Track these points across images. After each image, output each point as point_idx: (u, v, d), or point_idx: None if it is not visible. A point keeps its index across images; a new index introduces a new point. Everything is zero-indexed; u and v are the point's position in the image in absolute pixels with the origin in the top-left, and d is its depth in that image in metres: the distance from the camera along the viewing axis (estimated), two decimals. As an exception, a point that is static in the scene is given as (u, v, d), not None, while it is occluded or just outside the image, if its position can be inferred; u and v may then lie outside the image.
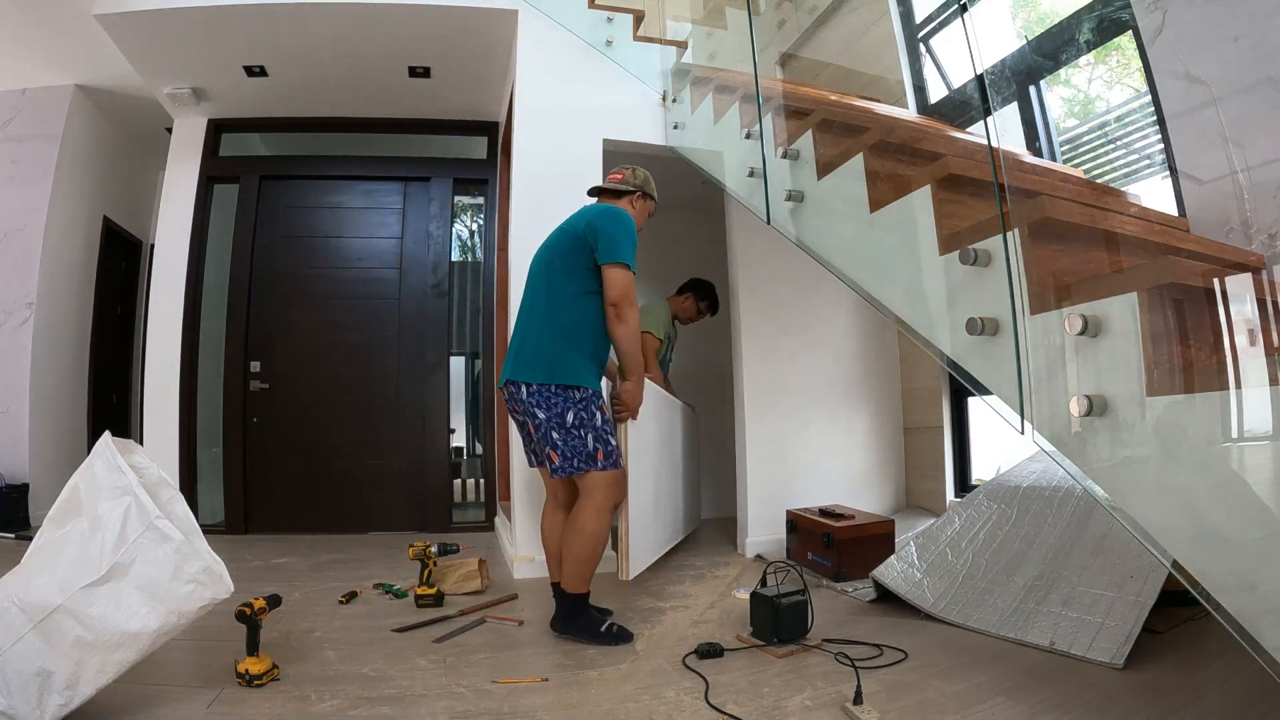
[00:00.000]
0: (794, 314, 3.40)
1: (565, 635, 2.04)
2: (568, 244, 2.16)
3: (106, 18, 3.08)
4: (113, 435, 1.52)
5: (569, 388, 2.04)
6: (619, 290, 2.07)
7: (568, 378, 2.04)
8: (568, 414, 2.02)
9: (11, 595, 1.38)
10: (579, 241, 2.13)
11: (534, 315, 2.15)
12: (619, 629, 2.04)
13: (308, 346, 4.00)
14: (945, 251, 1.57)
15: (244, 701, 1.57)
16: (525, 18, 3.17)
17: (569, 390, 2.04)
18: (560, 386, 2.03)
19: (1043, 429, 1.34)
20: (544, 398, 2.04)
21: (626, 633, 2.05)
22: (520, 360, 2.10)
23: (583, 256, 2.11)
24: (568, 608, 2.05)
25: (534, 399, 2.05)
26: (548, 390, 2.04)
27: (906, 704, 1.54)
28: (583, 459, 2.02)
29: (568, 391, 2.04)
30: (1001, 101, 2.69)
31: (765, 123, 2.38)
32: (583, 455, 2.02)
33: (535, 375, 2.05)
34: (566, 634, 2.04)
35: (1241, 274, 1.55)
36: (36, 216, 3.85)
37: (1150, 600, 1.75)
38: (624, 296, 2.08)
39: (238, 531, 3.80)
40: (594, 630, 2.02)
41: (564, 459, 2.02)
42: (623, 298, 2.08)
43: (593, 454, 2.02)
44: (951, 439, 3.47)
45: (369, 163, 4.21)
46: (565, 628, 2.05)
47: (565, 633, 2.05)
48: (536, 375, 2.05)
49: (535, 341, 2.10)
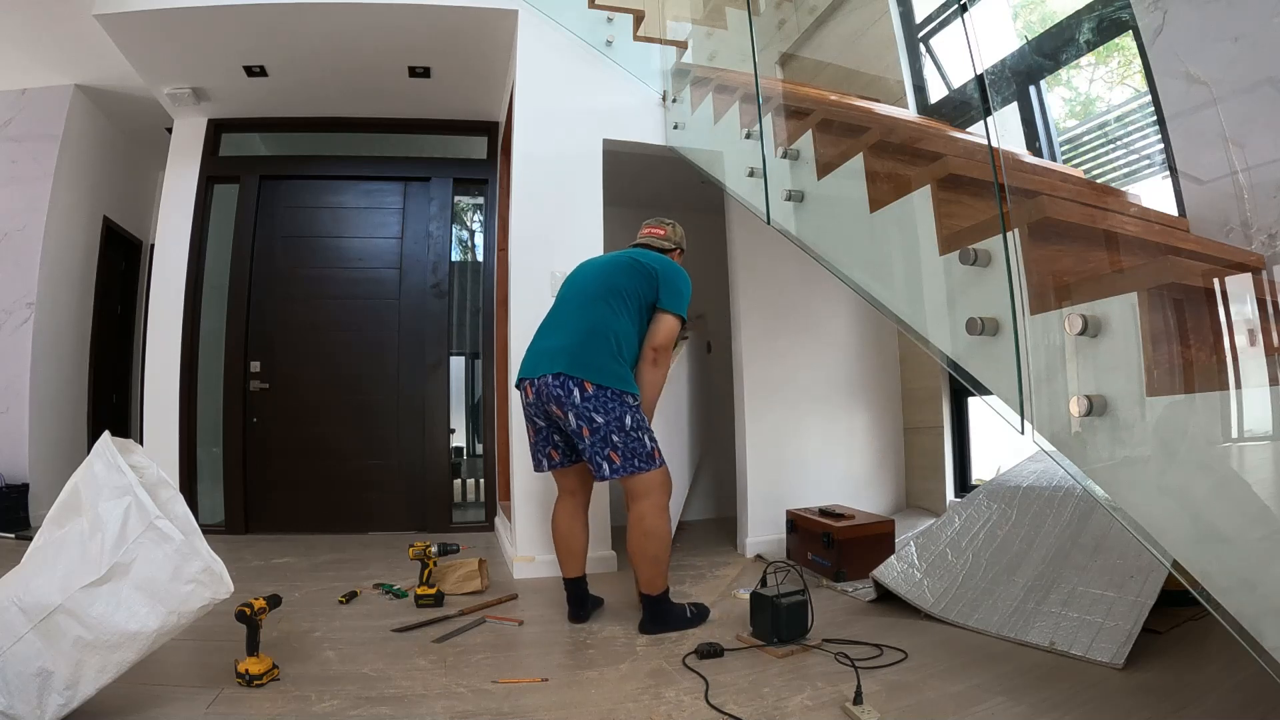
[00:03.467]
0: (794, 314, 3.40)
1: (660, 633, 2.10)
2: (639, 274, 2.23)
3: (106, 18, 3.08)
4: (113, 435, 1.52)
5: (625, 393, 2.10)
6: (665, 337, 2.20)
7: (625, 384, 2.11)
8: (626, 417, 2.08)
9: (11, 595, 1.38)
10: (648, 278, 2.22)
11: (586, 321, 2.16)
12: (698, 607, 2.21)
13: (308, 346, 4.00)
14: (945, 251, 1.57)
15: (244, 701, 1.57)
16: (525, 18, 3.17)
17: (624, 395, 2.10)
18: (617, 391, 2.09)
19: (1043, 429, 1.34)
20: (601, 402, 2.07)
21: (704, 608, 2.23)
22: (576, 360, 2.10)
23: (647, 292, 2.21)
24: (656, 608, 2.12)
25: (589, 403, 2.07)
26: (605, 394, 2.07)
27: (906, 704, 1.54)
28: (642, 459, 2.09)
29: (623, 397, 2.10)
30: (1001, 101, 2.70)
31: (765, 123, 2.38)
32: (642, 456, 2.09)
33: (595, 377, 2.08)
34: (660, 632, 2.10)
35: (1241, 274, 1.54)
36: (36, 216, 3.85)
37: (1150, 600, 1.75)
38: (666, 345, 2.21)
39: (238, 531, 3.80)
40: (683, 618, 2.15)
41: (624, 460, 2.07)
42: (665, 345, 2.21)
43: (650, 454, 2.11)
44: (951, 439, 3.47)
45: (369, 163, 4.21)
46: (658, 627, 2.11)
47: (659, 631, 2.10)
48: (597, 377, 2.08)
49: (591, 345, 2.12)
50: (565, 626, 2.17)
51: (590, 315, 2.17)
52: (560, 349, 2.13)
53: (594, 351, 2.11)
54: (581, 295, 2.25)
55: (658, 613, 2.11)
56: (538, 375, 2.13)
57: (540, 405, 2.16)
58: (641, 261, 2.25)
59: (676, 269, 2.28)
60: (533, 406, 2.19)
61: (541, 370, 2.13)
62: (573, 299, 2.27)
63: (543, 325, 2.30)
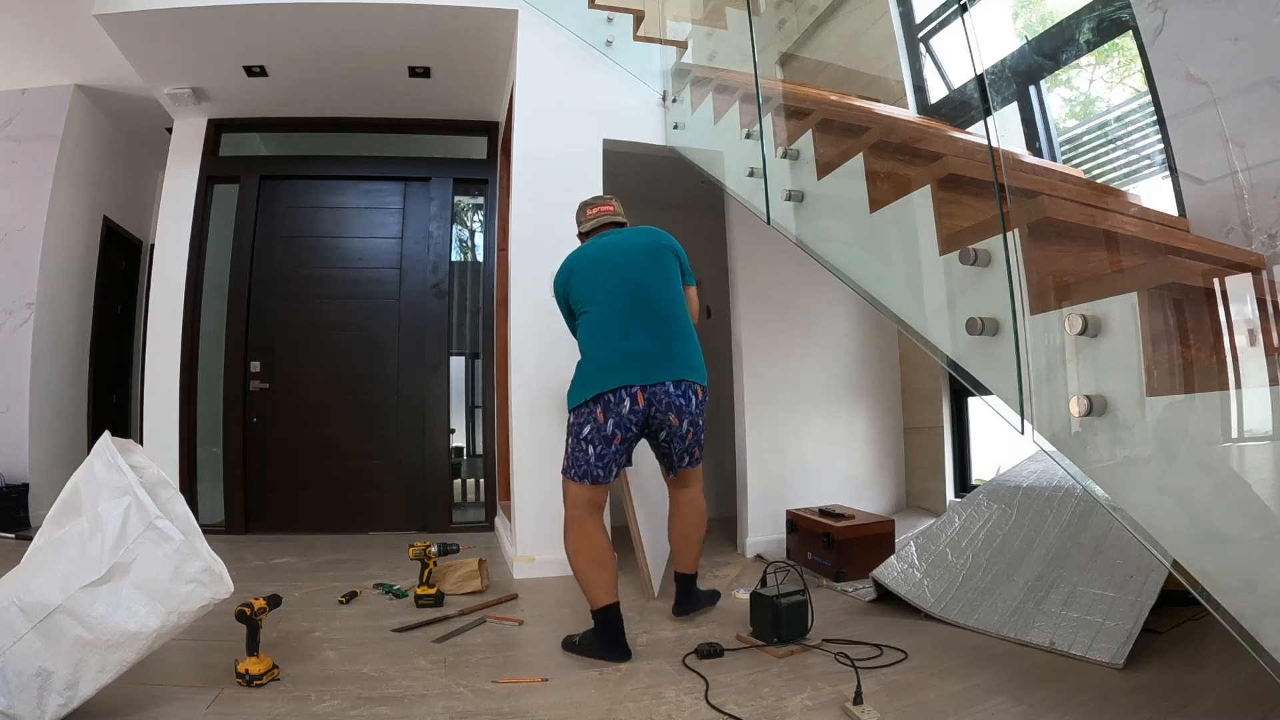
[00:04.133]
0: (794, 314, 3.40)
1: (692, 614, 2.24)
2: (664, 254, 2.21)
3: (106, 18, 3.08)
4: (113, 435, 1.52)
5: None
6: (696, 309, 2.31)
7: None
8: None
9: (11, 595, 1.38)
10: (672, 255, 2.23)
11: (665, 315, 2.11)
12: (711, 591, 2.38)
13: (308, 346, 4.00)
14: (945, 251, 1.57)
15: (244, 701, 1.57)
16: (525, 18, 3.17)
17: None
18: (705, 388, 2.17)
19: (1043, 429, 1.34)
20: (704, 403, 2.16)
21: (716, 592, 2.40)
22: (687, 364, 2.09)
23: (676, 268, 2.23)
24: (692, 587, 2.28)
25: (700, 407, 2.13)
26: (706, 395, 2.18)
27: (906, 704, 1.54)
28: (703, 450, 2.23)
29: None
30: (1001, 101, 2.69)
31: (765, 123, 2.38)
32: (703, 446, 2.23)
33: (703, 380, 2.16)
34: (692, 612, 2.25)
35: (1241, 274, 1.54)
36: (36, 216, 3.85)
37: (1150, 600, 1.75)
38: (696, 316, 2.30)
39: (238, 531, 3.80)
40: (712, 596, 2.35)
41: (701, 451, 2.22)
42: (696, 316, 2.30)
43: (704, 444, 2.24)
44: (951, 439, 3.46)
45: (369, 163, 4.21)
46: (691, 605, 2.25)
47: (692, 611, 2.25)
48: (704, 380, 2.16)
49: (689, 344, 2.14)
50: (565, 627, 2.17)
51: (665, 307, 2.11)
52: (665, 352, 2.05)
53: (692, 351, 2.13)
54: (639, 285, 2.11)
55: (692, 592, 2.26)
56: (652, 382, 2.00)
57: (645, 412, 2.01)
58: (660, 240, 2.22)
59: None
60: (634, 414, 2.00)
61: (656, 377, 2.01)
62: (629, 288, 2.11)
63: (611, 321, 2.08)
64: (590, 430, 2.01)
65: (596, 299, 2.12)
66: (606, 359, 2.04)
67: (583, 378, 2.06)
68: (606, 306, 2.11)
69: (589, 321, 2.12)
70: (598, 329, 2.09)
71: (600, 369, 2.03)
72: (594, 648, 1.89)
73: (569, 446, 2.07)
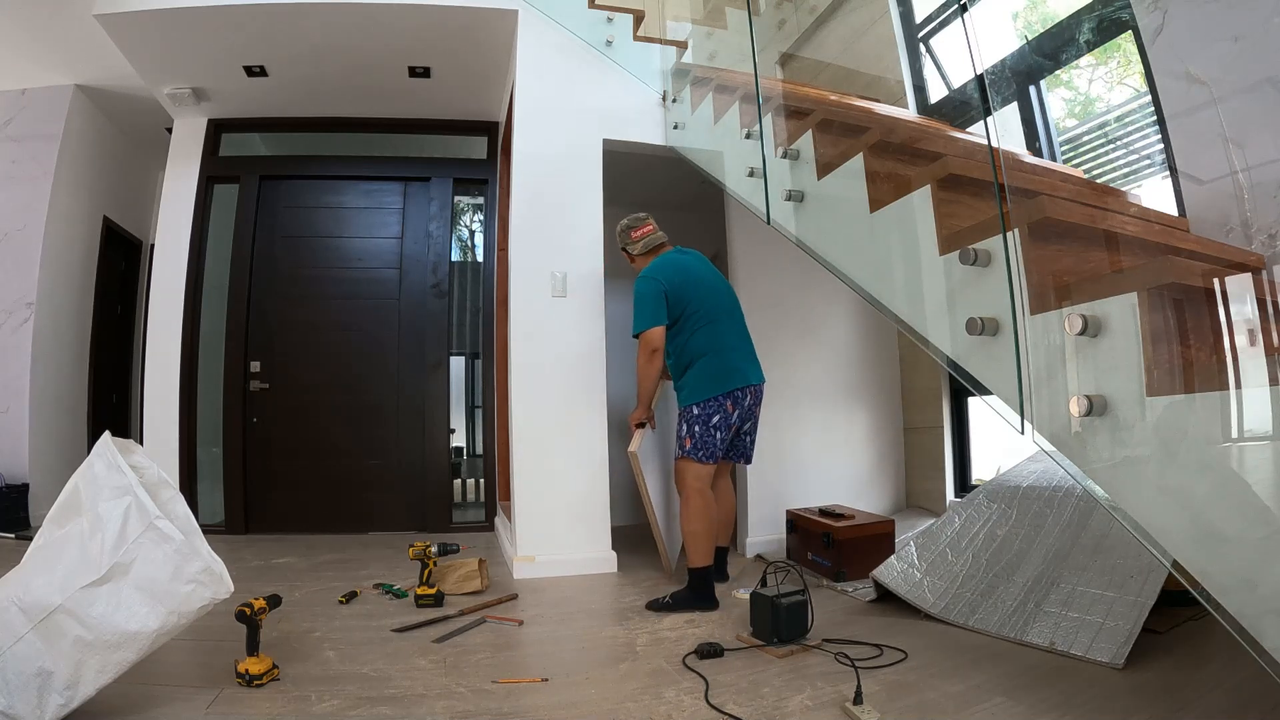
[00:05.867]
0: (794, 314, 3.40)
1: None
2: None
3: (106, 18, 3.08)
4: (113, 435, 1.52)
5: None
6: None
7: None
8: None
9: (11, 595, 1.38)
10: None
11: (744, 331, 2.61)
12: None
13: (308, 346, 4.00)
14: (945, 251, 1.57)
15: (244, 701, 1.57)
16: (525, 18, 3.17)
17: None
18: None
19: (1043, 429, 1.34)
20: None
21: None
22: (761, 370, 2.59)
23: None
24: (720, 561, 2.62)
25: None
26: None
27: (906, 704, 1.54)
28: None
29: None
30: (1001, 101, 2.69)
31: (765, 123, 2.38)
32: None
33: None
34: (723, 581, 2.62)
35: (1241, 274, 1.54)
36: (36, 216, 3.85)
37: (1150, 600, 1.75)
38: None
39: (238, 531, 3.80)
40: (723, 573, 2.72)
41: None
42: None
43: None
44: (951, 439, 3.47)
45: (369, 163, 4.21)
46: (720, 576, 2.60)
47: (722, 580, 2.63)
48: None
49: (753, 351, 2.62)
50: (565, 627, 2.18)
51: (738, 321, 2.60)
52: (755, 359, 2.58)
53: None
54: (734, 304, 2.63)
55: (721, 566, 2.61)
56: (759, 382, 2.54)
57: (751, 407, 2.53)
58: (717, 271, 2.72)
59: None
60: (747, 410, 2.51)
61: (758, 378, 2.54)
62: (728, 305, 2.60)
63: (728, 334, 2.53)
64: (719, 419, 2.44)
65: (704, 312, 2.51)
66: (732, 362, 2.48)
67: (713, 376, 2.45)
68: (724, 319, 2.54)
69: (711, 330, 2.50)
70: (720, 339, 2.50)
71: (728, 370, 2.46)
72: (690, 602, 2.31)
73: (695, 434, 2.43)
